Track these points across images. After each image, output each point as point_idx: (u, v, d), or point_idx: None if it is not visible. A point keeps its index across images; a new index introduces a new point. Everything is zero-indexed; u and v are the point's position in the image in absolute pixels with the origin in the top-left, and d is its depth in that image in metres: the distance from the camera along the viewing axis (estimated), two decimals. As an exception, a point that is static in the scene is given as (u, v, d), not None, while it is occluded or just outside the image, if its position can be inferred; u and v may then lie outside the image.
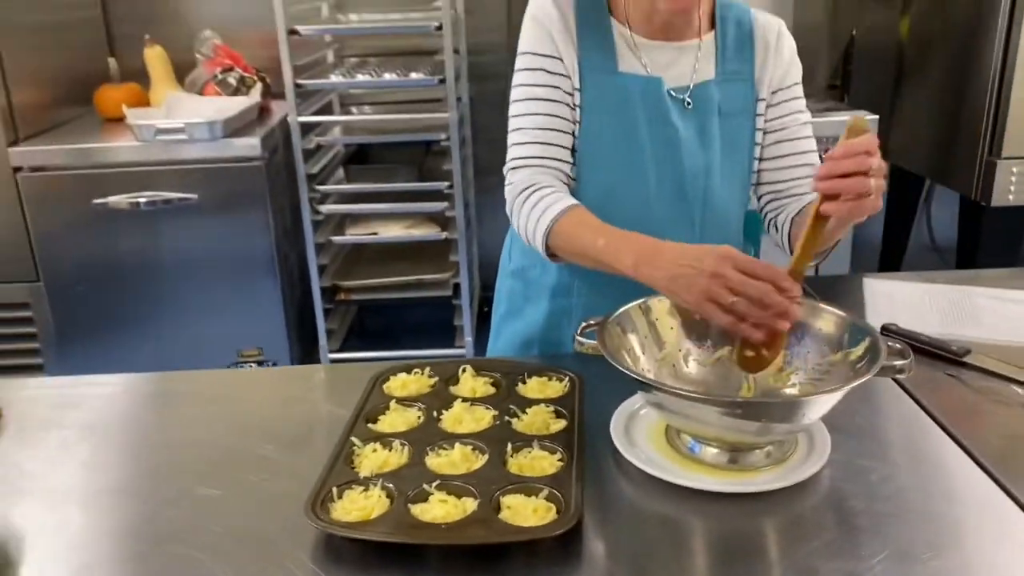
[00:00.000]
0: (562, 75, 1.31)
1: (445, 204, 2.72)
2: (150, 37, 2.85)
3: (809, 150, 1.38)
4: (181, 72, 2.91)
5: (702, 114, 1.32)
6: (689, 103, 1.32)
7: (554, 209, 1.24)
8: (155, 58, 2.84)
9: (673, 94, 1.32)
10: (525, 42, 1.34)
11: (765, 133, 1.38)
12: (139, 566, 0.93)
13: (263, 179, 2.56)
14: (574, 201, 1.26)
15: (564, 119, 1.32)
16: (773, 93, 1.36)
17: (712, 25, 1.36)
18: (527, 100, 1.32)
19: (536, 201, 1.27)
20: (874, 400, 1.19)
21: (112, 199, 2.52)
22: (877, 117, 2.70)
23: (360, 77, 2.74)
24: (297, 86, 2.59)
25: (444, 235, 2.80)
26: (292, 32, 2.54)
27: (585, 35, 1.31)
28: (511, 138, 1.34)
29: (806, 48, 3.23)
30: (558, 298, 1.42)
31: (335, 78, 2.75)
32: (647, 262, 1.11)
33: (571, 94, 1.31)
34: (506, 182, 1.34)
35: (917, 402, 1.18)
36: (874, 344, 1.02)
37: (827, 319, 1.11)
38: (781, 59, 1.36)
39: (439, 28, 2.57)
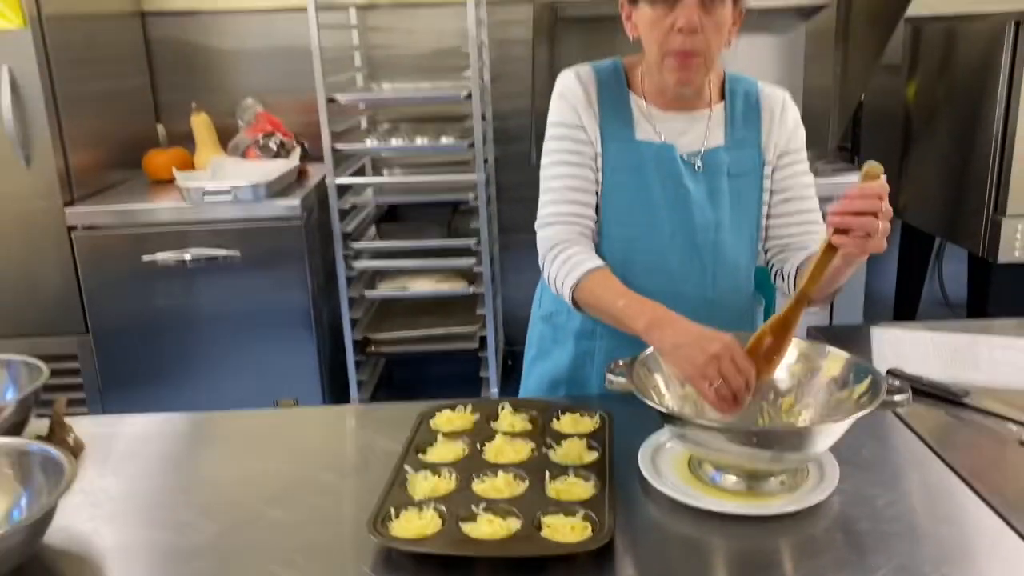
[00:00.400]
0: (586, 142, 1.47)
1: (472, 260, 2.86)
2: (196, 105, 3.04)
3: (812, 208, 1.52)
4: (224, 137, 3.09)
5: (712, 176, 1.47)
6: (699, 166, 1.46)
7: (581, 268, 1.40)
8: (201, 124, 3.02)
9: (685, 158, 1.46)
10: (554, 115, 1.51)
11: (772, 193, 1.52)
12: (220, 577, 1.04)
13: (301, 237, 2.71)
14: (600, 263, 1.41)
15: (588, 180, 1.47)
16: (779, 157, 1.51)
17: (722, 96, 1.51)
18: (556, 164, 1.48)
19: (566, 258, 1.42)
20: (880, 435, 1.30)
21: (159, 256, 2.67)
22: (885, 177, 2.82)
23: (394, 141, 2.91)
24: (335, 150, 2.76)
25: (471, 289, 2.93)
26: (331, 100, 2.72)
27: (606, 107, 1.48)
28: (543, 197, 1.50)
29: (816, 112, 3.41)
30: (582, 341, 1.56)
31: (370, 143, 2.92)
32: (658, 327, 1.26)
33: (594, 159, 1.47)
34: (538, 236, 1.49)
35: (920, 438, 1.29)
36: (875, 382, 1.13)
37: (834, 361, 1.23)
38: (785, 127, 1.51)
39: (468, 96, 2.73)
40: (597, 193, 1.48)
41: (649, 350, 1.26)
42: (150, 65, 3.28)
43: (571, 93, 1.48)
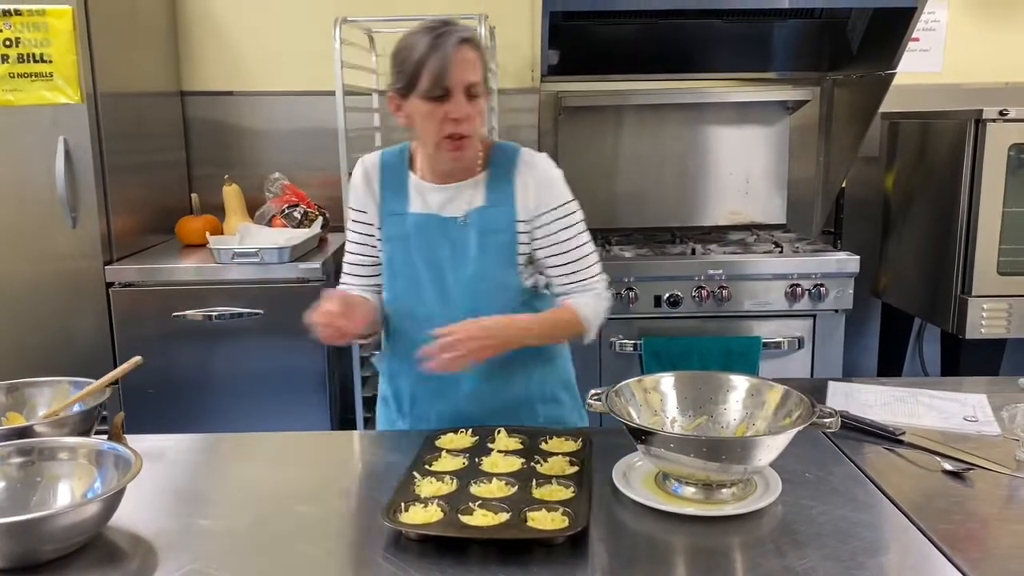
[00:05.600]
0: (366, 223, 1.80)
1: (477, 325, 3.08)
2: (228, 177, 3.32)
3: (571, 259, 1.76)
4: (252, 207, 3.35)
5: (475, 232, 1.73)
6: (464, 221, 1.73)
7: None
8: (232, 194, 3.29)
9: (450, 218, 1.73)
10: (347, 201, 1.86)
11: (538, 248, 1.76)
12: (260, 556, 1.24)
13: (320, 298, 2.93)
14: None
15: (368, 255, 1.82)
16: (537, 216, 1.74)
17: (487, 165, 1.78)
18: (348, 243, 1.85)
19: None
20: (822, 463, 1.51)
21: (189, 312, 2.90)
22: (859, 258, 3.07)
23: (408, 214, 3.16)
24: (354, 220, 3.01)
25: (476, 352, 3.14)
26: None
27: (386, 188, 1.78)
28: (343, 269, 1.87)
29: (801, 198, 3.69)
30: (391, 402, 1.93)
31: (386, 214, 3.18)
32: None
33: (374, 234, 1.79)
34: None
35: (856, 465, 1.50)
36: (809, 407, 1.35)
37: (776, 392, 1.46)
38: (538, 187, 1.74)
39: (478, 174, 3.00)
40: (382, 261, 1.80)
41: (622, 383, 1.48)
42: (187, 140, 3.58)
43: (356, 182, 1.81)
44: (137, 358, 1.62)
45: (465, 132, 1.63)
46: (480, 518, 1.25)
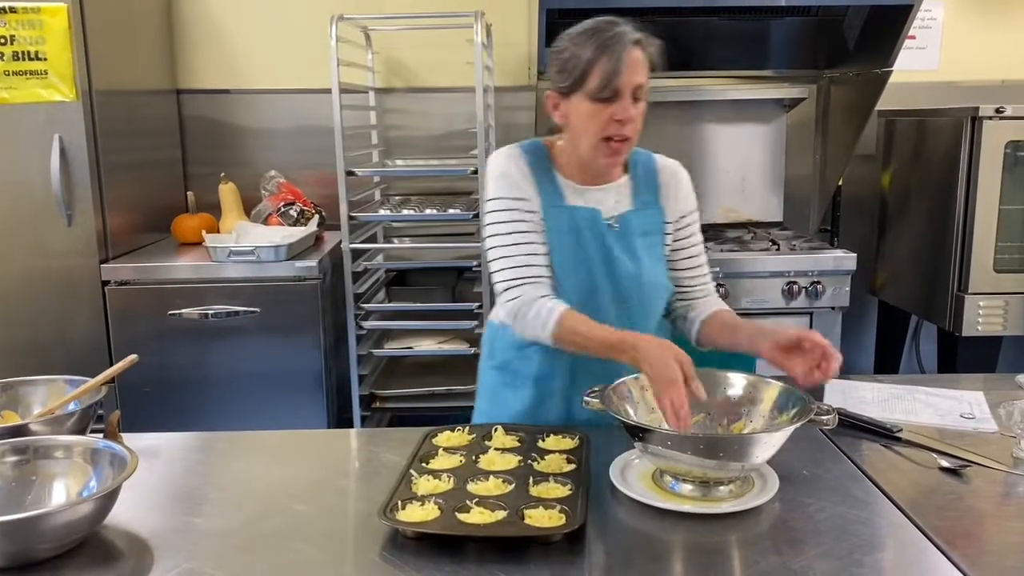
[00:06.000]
0: (531, 211, 1.71)
1: (475, 323, 3.08)
2: (224, 175, 3.31)
3: (703, 263, 1.84)
4: (248, 206, 3.34)
5: (627, 235, 1.73)
6: (616, 227, 1.72)
7: (556, 312, 1.61)
8: (228, 192, 3.28)
9: (604, 220, 1.72)
10: (496, 192, 1.73)
11: (674, 250, 1.79)
12: (256, 554, 1.23)
13: (316, 296, 2.93)
14: (566, 305, 1.63)
15: (540, 244, 1.70)
16: (679, 219, 1.79)
17: (625, 170, 1.79)
18: (509, 235, 1.70)
19: (539, 309, 1.63)
20: (819, 460, 1.50)
21: (185, 311, 2.89)
22: (855, 255, 3.07)
23: (405, 212, 3.17)
24: (351, 218, 3.01)
25: (473, 351, 3.14)
26: (349, 173, 2.98)
27: (539, 181, 1.73)
28: (498, 265, 1.70)
29: (798, 196, 3.68)
30: (541, 383, 1.77)
31: (383, 212, 3.18)
32: (644, 359, 1.45)
33: (539, 224, 1.71)
34: (505, 298, 1.69)
35: (853, 462, 1.49)
36: (806, 405, 1.35)
37: (773, 390, 1.45)
38: (681, 192, 1.80)
39: (474, 172, 3.00)
40: (547, 253, 1.71)
41: (619, 381, 1.48)
42: (183, 138, 3.57)
43: (509, 170, 1.73)
44: (132, 356, 1.62)
45: (628, 135, 1.63)
46: (477, 516, 1.24)
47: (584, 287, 1.71)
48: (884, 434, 1.60)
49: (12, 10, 2.67)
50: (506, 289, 1.69)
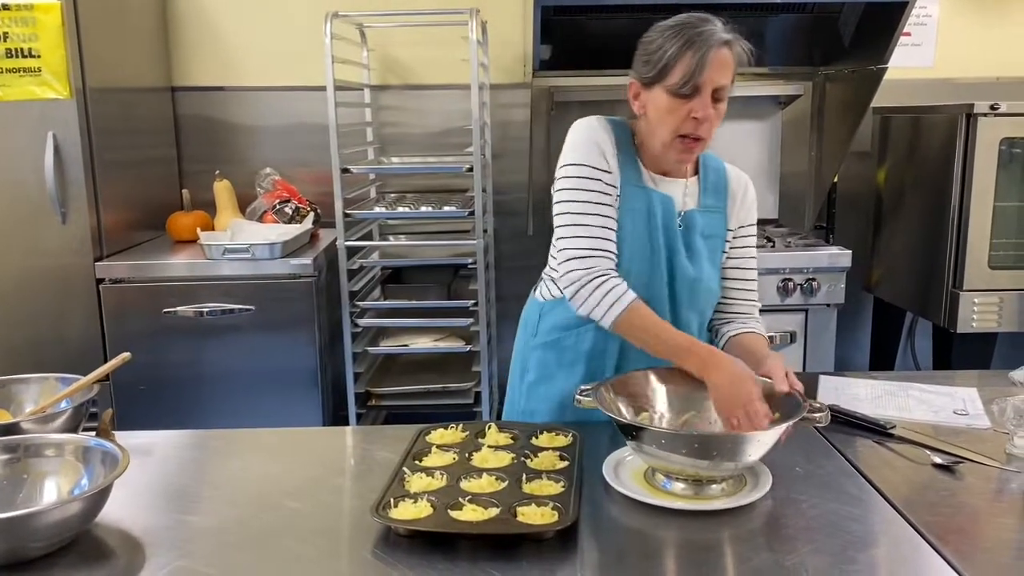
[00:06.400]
0: (611, 185, 1.67)
1: (470, 320, 3.08)
2: (219, 173, 3.30)
3: (753, 278, 1.79)
4: (243, 204, 3.34)
5: (689, 235, 1.70)
6: (680, 224, 1.70)
7: (626, 299, 1.58)
8: (222, 189, 3.28)
9: (676, 212, 1.70)
10: (581, 156, 1.66)
11: (728, 259, 1.77)
12: (249, 552, 1.23)
13: (311, 294, 2.93)
14: (635, 295, 1.60)
15: (614, 221, 1.67)
16: (738, 228, 1.76)
17: (696, 171, 1.77)
18: (587, 203, 1.65)
19: (609, 288, 1.59)
20: (813, 457, 1.51)
21: (180, 309, 2.89)
22: (851, 252, 3.08)
23: (401, 209, 3.16)
24: (346, 215, 3.00)
25: (468, 348, 3.14)
26: (344, 171, 2.97)
27: (622, 159, 1.69)
28: (569, 231, 1.65)
29: (793, 192, 3.68)
30: (594, 361, 1.74)
31: (379, 209, 3.18)
32: (714, 368, 1.46)
33: (615, 201, 1.67)
34: (571, 264, 1.63)
35: (846, 458, 1.50)
36: (798, 404, 1.35)
37: (767, 387, 1.45)
38: (746, 204, 1.78)
39: (470, 170, 2.99)
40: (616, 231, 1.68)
41: (617, 376, 1.48)
42: (177, 136, 3.56)
43: (599, 138, 1.68)
44: (124, 354, 1.62)
45: (703, 134, 1.60)
46: (470, 513, 1.24)
47: (645, 273, 1.67)
48: (877, 431, 1.60)
49: (5, 7, 2.67)
50: (573, 258, 1.64)
